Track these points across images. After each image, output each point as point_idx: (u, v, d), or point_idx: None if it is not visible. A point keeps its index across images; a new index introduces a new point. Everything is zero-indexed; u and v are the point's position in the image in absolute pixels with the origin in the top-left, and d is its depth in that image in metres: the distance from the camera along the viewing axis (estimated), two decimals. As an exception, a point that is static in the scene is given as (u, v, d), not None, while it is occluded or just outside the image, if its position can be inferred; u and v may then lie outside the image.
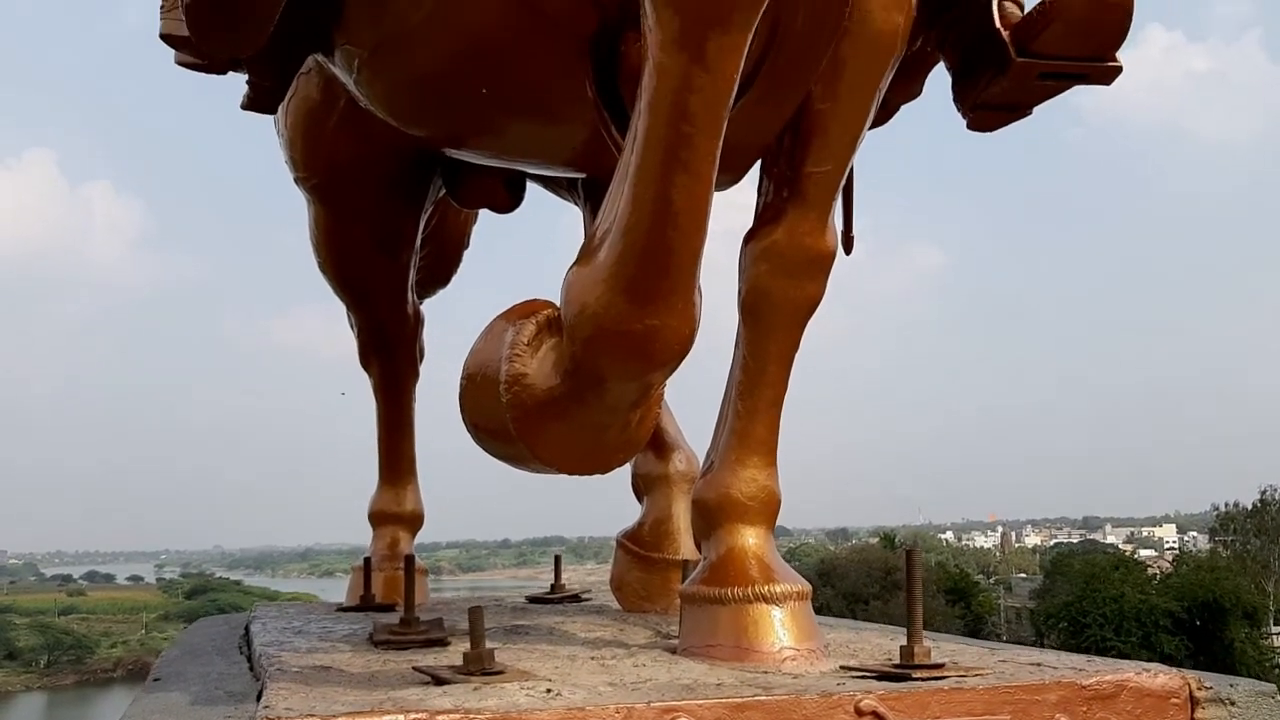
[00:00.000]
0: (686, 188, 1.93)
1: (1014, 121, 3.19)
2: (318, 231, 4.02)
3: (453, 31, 2.91)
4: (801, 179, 2.73)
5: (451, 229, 4.74)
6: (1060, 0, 2.80)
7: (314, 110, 3.67)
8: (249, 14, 2.63)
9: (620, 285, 1.98)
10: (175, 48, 3.05)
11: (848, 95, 2.67)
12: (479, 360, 2.26)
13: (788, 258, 2.74)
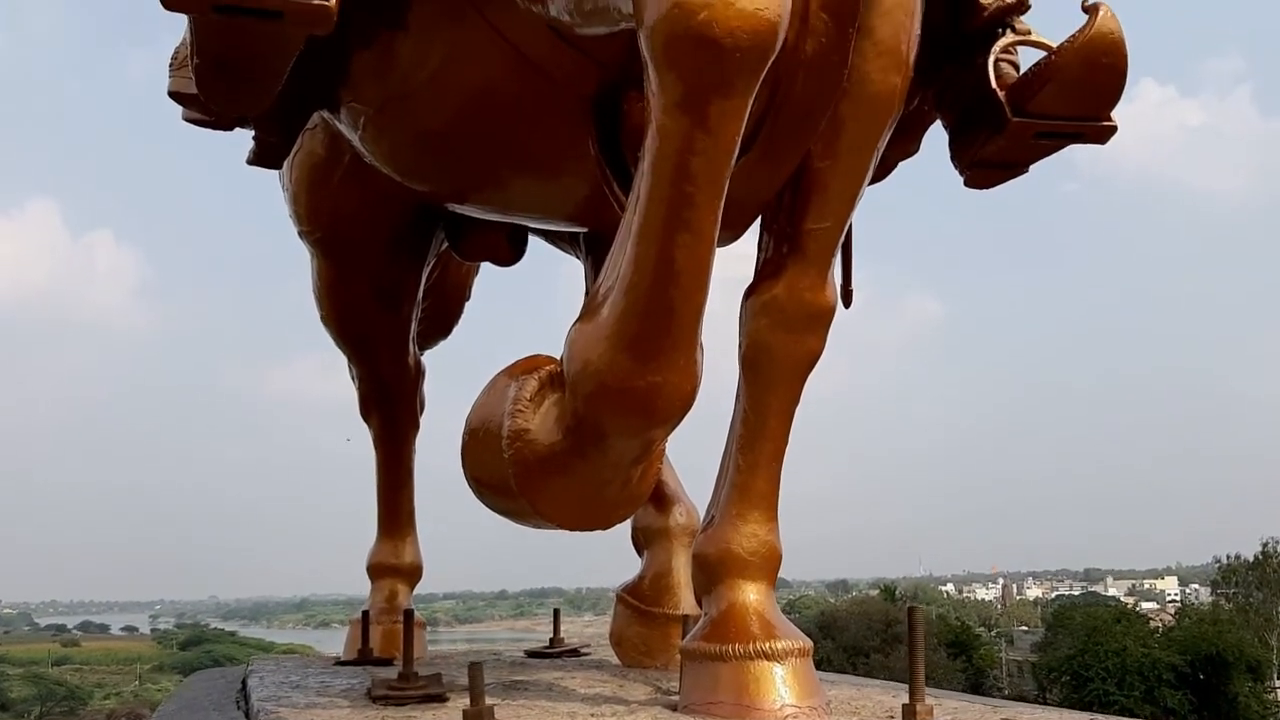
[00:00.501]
0: (688, 247, 1.95)
1: (1011, 179, 3.23)
2: (320, 284, 4.05)
3: (458, 90, 2.96)
4: (801, 235, 2.76)
5: (453, 281, 4.77)
6: (1055, 61, 2.85)
7: (319, 165, 3.71)
8: (257, 76, 2.68)
9: (623, 342, 2.00)
10: (183, 105, 3.09)
11: (847, 154, 2.70)
12: (482, 415, 2.27)
13: (788, 313, 2.76)
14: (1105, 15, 2.76)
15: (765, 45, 1.84)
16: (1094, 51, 2.78)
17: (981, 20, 2.98)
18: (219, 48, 2.55)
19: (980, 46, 3.03)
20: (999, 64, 3.00)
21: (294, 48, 2.60)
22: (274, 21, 2.36)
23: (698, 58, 1.83)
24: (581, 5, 2.21)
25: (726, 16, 1.80)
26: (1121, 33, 2.78)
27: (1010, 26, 3.02)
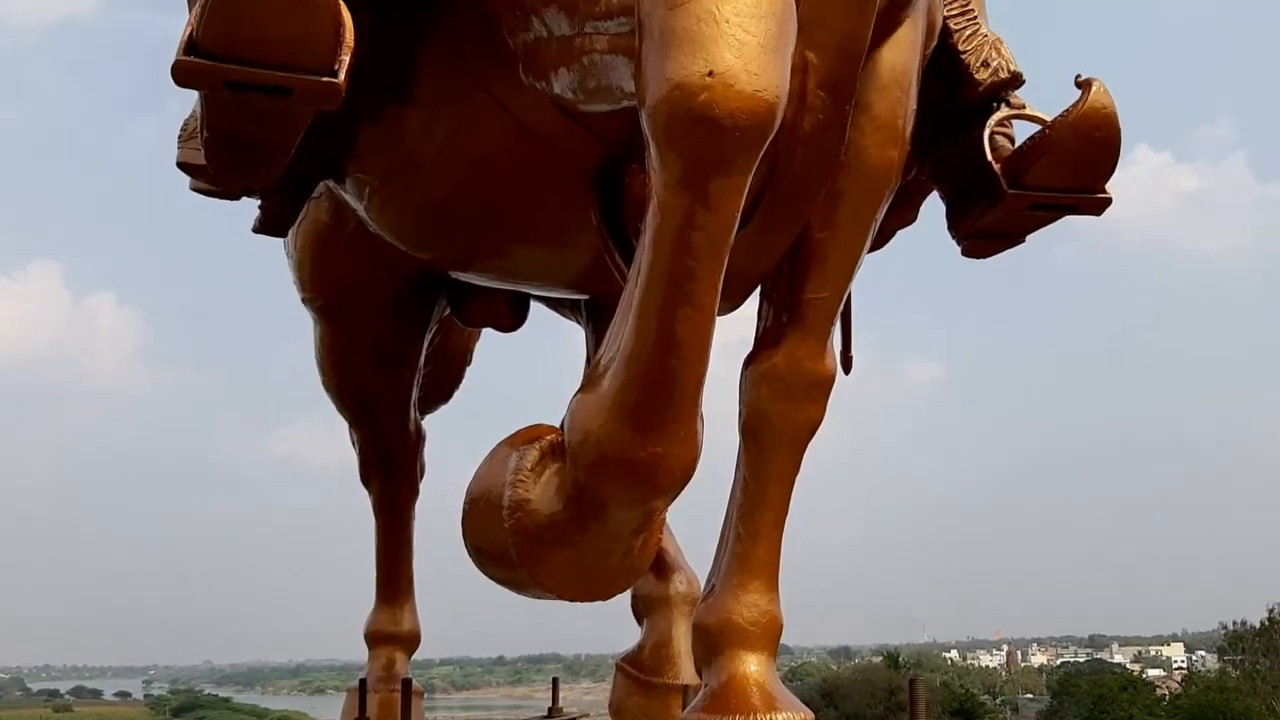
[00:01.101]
0: (689, 319, 1.98)
1: (1008, 249, 3.27)
2: (323, 350, 4.07)
3: (463, 162, 3.01)
4: (801, 304, 2.79)
5: (454, 346, 4.79)
6: (1050, 135, 2.90)
7: (323, 233, 3.75)
8: (266, 150, 2.73)
9: (624, 413, 2.02)
10: (191, 175, 3.14)
11: (845, 226, 2.74)
12: (483, 485, 2.28)
13: (787, 381, 2.78)
14: (1098, 90, 2.82)
15: (764, 125, 1.88)
16: (1087, 126, 2.83)
17: (977, 95, 3.04)
18: (228, 123, 2.60)
19: (976, 120, 3.09)
20: (994, 137, 3.06)
21: (302, 123, 2.65)
22: (283, 98, 2.41)
23: (698, 137, 1.86)
24: (585, 83, 2.26)
25: (726, 98, 1.84)
26: (1114, 108, 2.84)
27: (1005, 101, 3.08)
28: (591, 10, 2.12)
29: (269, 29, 2.33)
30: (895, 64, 2.68)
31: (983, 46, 3.01)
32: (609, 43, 2.11)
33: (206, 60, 2.35)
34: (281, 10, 2.31)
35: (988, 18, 3.12)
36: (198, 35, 2.35)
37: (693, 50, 1.86)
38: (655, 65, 1.90)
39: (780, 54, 1.92)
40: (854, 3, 2.28)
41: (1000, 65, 3.01)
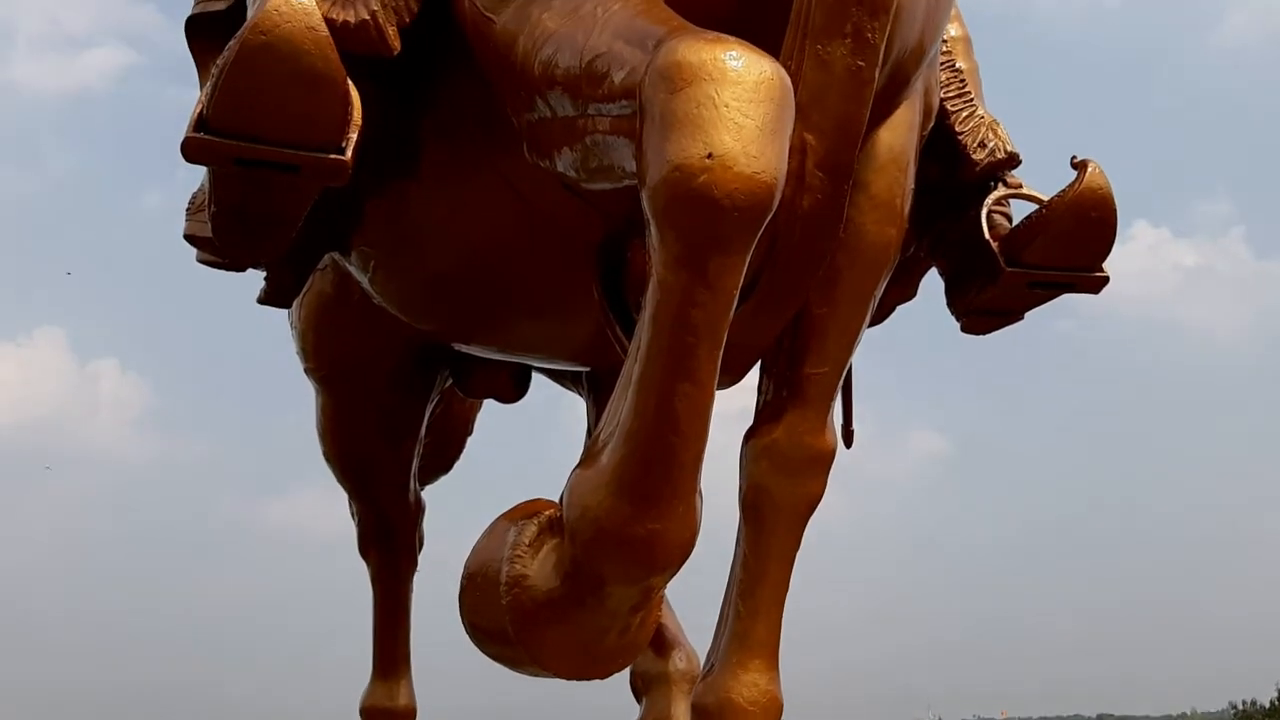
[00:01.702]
0: (688, 396, 1.98)
1: (1007, 325, 3.29)
2: (324, 421, 4.08)
3: (467, 236, 3.05)
4: (800, 379, 2.80)
5: (456, 416, 4.79)
6: (1047, 214, 2.94)
7: (327, 304, 3.77)
8: (273, 225, 2.77)
9: (623, 489, 2.01)
10: (198, 247, 3.18)
11: (844, 302, 2.77)
12: (480, 560, 2.27)
13: (788, 456, 2.78)
14: (1094, 171, 2.87)
15: (762, 206, 1.91)
16: (1084, 206, 2.88)
17: (974, 174, 3.09)
18: (236, 198, 2.64)
19: (974, 198, 3.14)
20: (992, 215, 3.10)
21: (309, 199, 2.69)
22: (291, 174, 2.45)
23: (697, 217, 1.89)
24: (587, 163, 2.30)
25: (725, 179, 1.87)
26: (1109, 188, 2.88)
27: (1002, 180, 3.13)
28: (594, 93, 2.16)
29: (278, 107, 2.38)
30: (893, 145, 2.73)
31: (979, 128, 3.06)
32: (611, 124, 2.15)
33: (216, 137, 2.40)
34: (291, 89, 2.36)
35: (984, 99, 3.18)
36: (208, 113, 2.40)
37: (693, 133, 1.89)
38: (656, 147, 1.93)
39: (778, 137, 1.95)
40: (852, 87, 2.32)
41: (997, 146, 3.06)
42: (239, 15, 3.05)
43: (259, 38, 2.32)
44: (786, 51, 2.29)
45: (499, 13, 2.44)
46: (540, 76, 2.30)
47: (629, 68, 2.06)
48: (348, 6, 2.53)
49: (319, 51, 2.35)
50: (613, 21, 2.16)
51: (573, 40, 2.21)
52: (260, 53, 2.32)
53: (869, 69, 2.32)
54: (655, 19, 2.13)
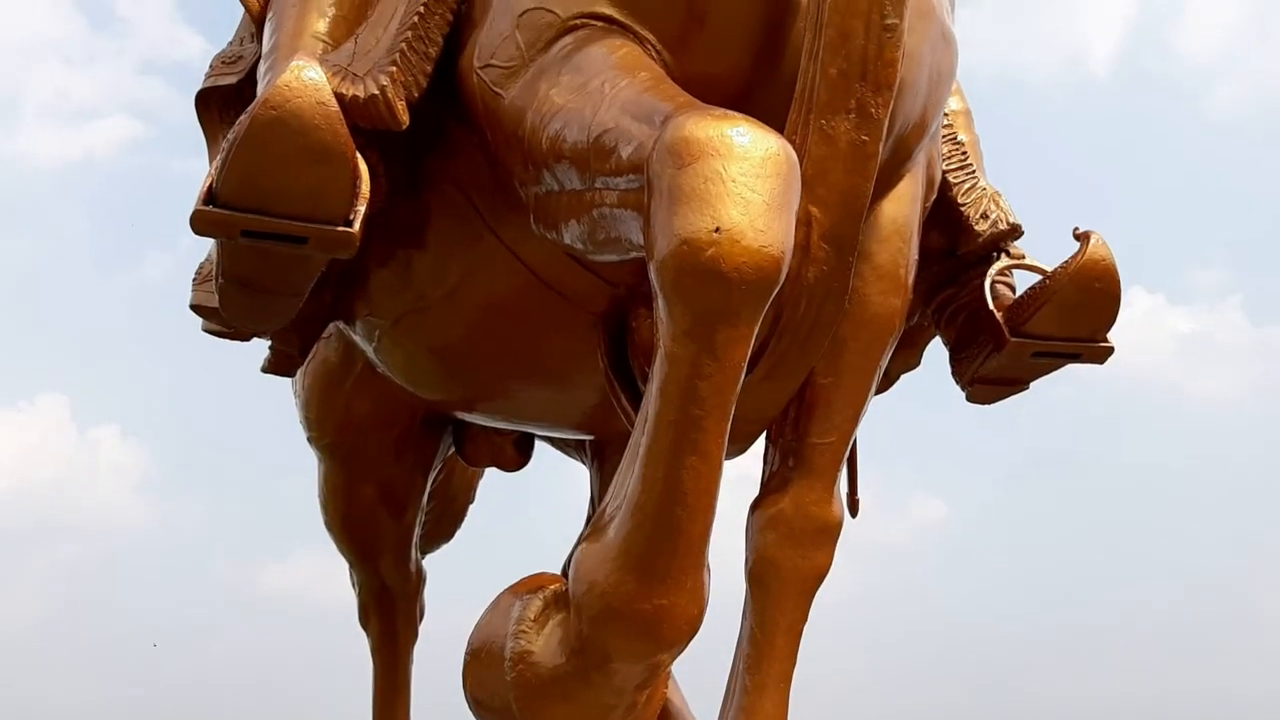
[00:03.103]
0: (696, 469, 1.97)
1: (1012, 395, 3.29)
2: (326, 489, 4.05)
3: (473, 306, 3.06)
4: (806, 449, 2.79)
5: (458, 484, 4.77)
6: (1050, 285, 2.96)
7: (332, 373, 3.77)
8: (280, 296, 2.78)
9: (629, 564, 1.99)
10: (204, 317, 3.19)
11: (849, 373, 2.77)
12: (484, 635, 2.24)
13: (795, 527, 2.76)
14: (1096, 243, 2.89)
15: (770, 279, 1.92)
16: (1087, 277, 2.89)
17: (977, 245, 3.11)
18: (244, 270, 2.66)
19: (977, 268, 3.16)
20: (995, 285, 3.12)
21: (317, 270, 2.70)
22: (299, 246, 2.46)
23: (705, 291, 1.89)
24: (595, 235, 2.31)
25: (733, 253, 1.87)
26: (1113, 259, 2.90)
27: (1005, 251, 3.15)
28: (602, 167, 2.18)
29: (288, 181, 2.40)
30: (896, 216, 2.75)
31: (981, 199, 3.09)
32: (619, 197, 2.17)
33: (225, 210, 2.42)
34: (300, 163, 2.38)
35: (985, 171, 3.21)
36: (217, 186, 2.43)
37: (700, 208, 1.90)
38: (664, 221, 1.94)
39: (785, 211, 1.96)
40: (856, 161, 2.34)
41: (999, 217, 3.09)
42: (249, 89, 3.11)
43: (269, 113, 2.34)
44: (791, 126, 2.32)
45: (507, 88, 2.47)
46: (548, 150, 2.32)
47: (636, 143, 2.08)
48: (357, 81, 2.56)
49: (329, 126, 2.37)
50: (620, 97, 2.19)
51: (580, 115, 2.24)
52: (270, 127, 2.35)
53: (873, 143, 2.35)
54: (662, 95, 2.16)
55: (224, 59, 3.24)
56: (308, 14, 2.81)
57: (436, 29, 2.62)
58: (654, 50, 2.41)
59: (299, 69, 2.38)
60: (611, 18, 2.41)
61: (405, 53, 2.58)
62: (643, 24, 2.41)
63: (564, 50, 2.40)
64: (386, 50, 2.61)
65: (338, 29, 2.80)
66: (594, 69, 2.31)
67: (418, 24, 2.60)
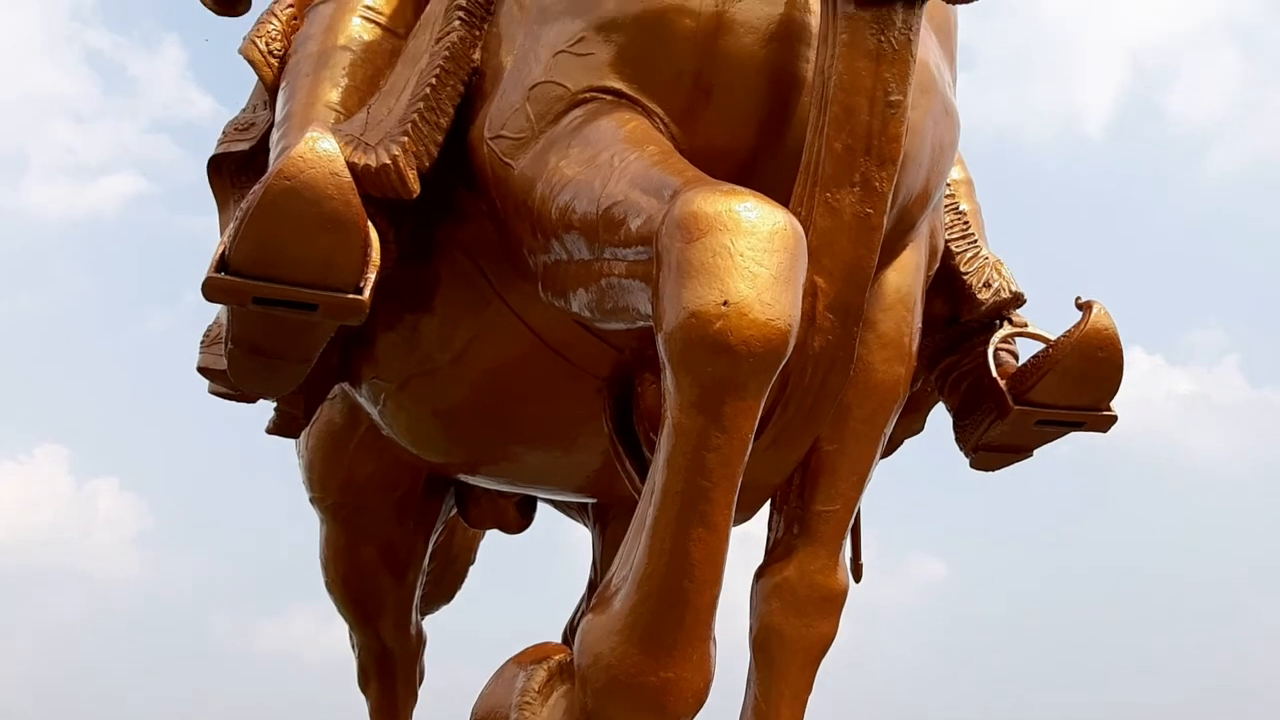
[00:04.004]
0: (703, 540, 1.97)
1: (1016, 462, 3.29)
2: (328, 550, 4.03)
3: (478, 370, 3.07)
4: (811, 516, 2.79)
5: (459, 545, 4.75)
6: (1053, 353, 2.97)
7: (336, 434, 3.78)
8: (289, 362, 2.80)
9: (635, 635, 1.99)
10: (211, 380, 3.20)
11: (854, 440, 2.78)
12: (488, 705, 2.22)
13: (800, 595, 2.75)
14: (1099, 312, 2.91)
15: (777, 352, 1.93)
16: (1090, 346, 2.91)
17: (980, 313, 3.13)
18: (253, 335, 2.67)
19: (980, 335, 3.18)
20: (999, 353, 3.13)
21: (326, 337, 2.72)
22: (309, 313, 2.48)
23: (713, 363, 1.91)
24: (603, 304, 2.33)
25: (740, 326, 1.89)
26: (1115, 329, 2.92)
27: (1007, 318, 3.17)
28: (611, 238, 2.20)
29: (300, 249, 2.43)
30: (900, 285, 2.78)
31: (984, 268, 3.12)
32: (627, 268, 2.19)
33: (237, 278, 2.44)
34: (313, 232, 2.41)
35: (987, 239, 3.25)
36: (230, 254, 2.45)
37: (709, 281, 1.93)
38: (672, 294, 1.96)
39: (792, 285, 1.99)
40: (860, 233, 2.37)
41: (1002, 286, 3.12)
42: (261, 155, 3.15)
43: (284, 183, 2.38)
44: (797, 199, 2.35)
45: (517, 159, 2.51)
46: (558, 220, 2.35)
47: (645, 216, 2.11)
48: (369, 151, 2.60)
49: (341, 196, 2.41)
50: (629, 170, 2.22)
51: (590, 187, 2.27)
52: (285, 197, 2.38)
53: (877, 216, 2.38)
54: (670, 169, 2.19)
55: (237, 125, 3.29)
56: (321, 84, 2.86)
57: (448, 100, 2.67)
58: (662, 123, 2.45)
59: (313, 140, 2.42)
60: (620, 91, 2.45)
61: (417, 123, 2.62)
62: (651, 98, 2.45)
63: (574, 123, 2.44)
64: (398, 120, 2.66)
65: (350, 98, 2.85)
66: (603, 142, 2.34)
67: (430, 95, 2.65)
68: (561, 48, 2.51)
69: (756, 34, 2.43)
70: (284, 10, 3.14)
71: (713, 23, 2.42)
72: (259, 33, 3.12)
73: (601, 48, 2.47)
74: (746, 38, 2.43)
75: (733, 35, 2.42)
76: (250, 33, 3.15)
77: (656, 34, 2.43)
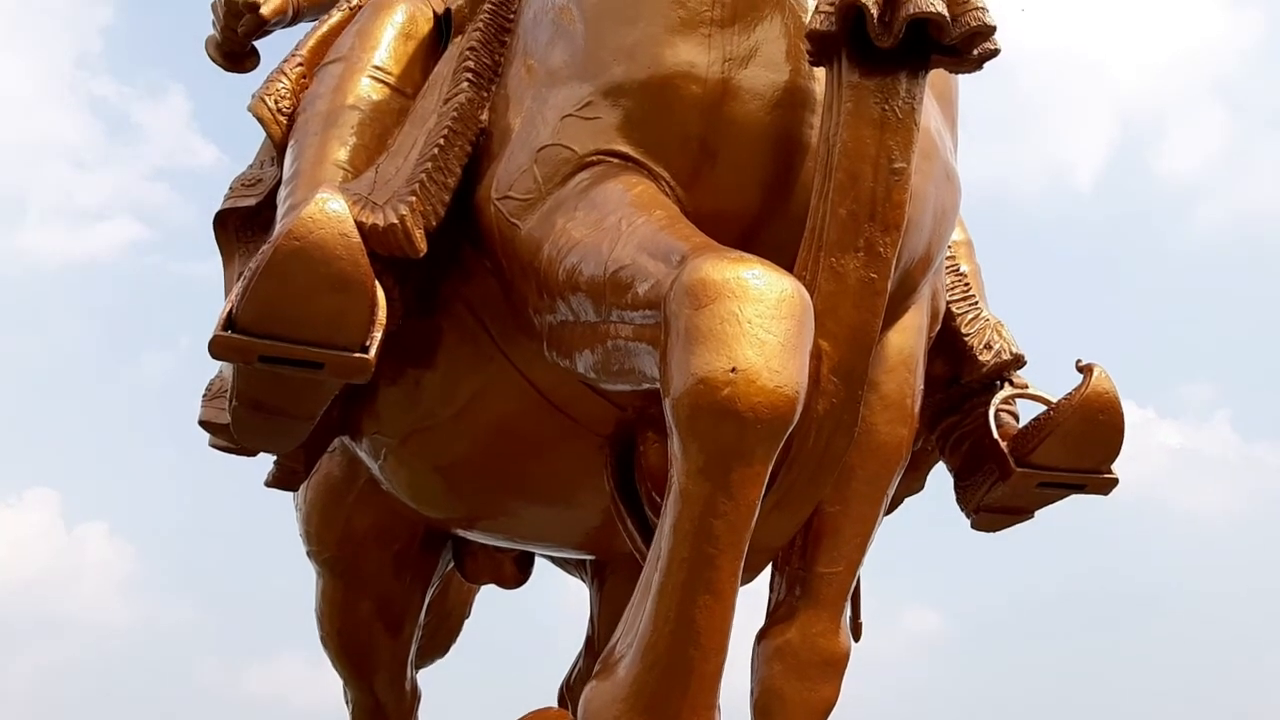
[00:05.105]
0: (709, 608, 1.97)
1: (1017, 523, 3.29)
2: (324, 604, 3.99)
3: (481, 426, 3.07)
4: (814, 578, 2.78)
5: (454, 599, 4.71)
6: (1055, 416, 2.98)
7: (335, 487, 3.76)
8: (293, 420, 2.80)
9: (640, 704, 1.97)
10: (212, 434, 3.20)
11: (857, 501, 2.78)
12: (490, 771, 2.20)
13: (801, 658, 2.74)
14: (1100, 376, 2.93)
15: (784, 418, 1.94)
16: (1091, 409, 2.92)
17: (981, 374, 3.14)
18: (258, 393, 2.67)
19: (980, 396, 3.19)
20: (1000, 414, 3.14)
21: (330, 395, 2.72)
22: (314, 371, 2.49)
23: (721, 430, 1.92)
24: (609, 366, 2.34)
25: (748, 393, 1.90)
26: (1116, 392, 2.93)
27: (1008, 380, 3.18)
28: (619, 301, 2.22)
29: (307, 308, 2.44)
30: (903, 347, 2.79)
31: (985, 329, 3.14)
32: (634, 331, 2.20)
33: (244, 336, 2.45)
34: (321, 292, 2.42)
35: (987, 300, 3.27)
36: (236, 312, 2.46)
37: (717, 348, 1.94)
38: (680, 360, 1.97)
39: (799, 352, 2.00)
40: (864, 298, 2.39)
41: (1003, 347, 3.13)
42: (267, 210, 3.17)
43: (293, 243, 2.39)
44: (801, 263, 2.37)
45: (524, 219, 2.53)
46: (565, 282, 2.36)
47: (653, 280, 2.12)
48: (377, 210, 2.62)
49: (350, 257, 2.42)
50: (637, 234, 2.24)
51: (598, 250, 2.29)
52: (294, 257, 2.40)
53: (881, 280, 2.40)
54: (678, 234, 2.21)
55: (244, 181, 3.31)
56: (329, 142, 2.89)
57: (456, 160, 2.69)
58: (668, 186, 2.48)
59: (323, 200, 2.43)
60: (627, 155, 2.48)
61: (425, 183, 2.65)
62: (657, 161, 2.48)
63: (581, 185, 2.46)
64: (406, 180, 2.68)
65: (358, 157, 2.87)
66: (611, 205, 2.37)
67: (438, 155, 2.67)
68: (569, 111, 2.54)
69: (762, 100, 2.46)
70: (293, 69, 3.17)
71: (719, 89, 2.45)
72: (268, 90, 3.15)
73: (609, 112, 2.50)
74: (752, 104, 2.46)
75: (738, 101, 2.46)
76: (259, 90, 3.18)
77: (663, 99, 2.47)
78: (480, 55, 2.81)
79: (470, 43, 2.84)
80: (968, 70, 2.41)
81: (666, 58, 2.47)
